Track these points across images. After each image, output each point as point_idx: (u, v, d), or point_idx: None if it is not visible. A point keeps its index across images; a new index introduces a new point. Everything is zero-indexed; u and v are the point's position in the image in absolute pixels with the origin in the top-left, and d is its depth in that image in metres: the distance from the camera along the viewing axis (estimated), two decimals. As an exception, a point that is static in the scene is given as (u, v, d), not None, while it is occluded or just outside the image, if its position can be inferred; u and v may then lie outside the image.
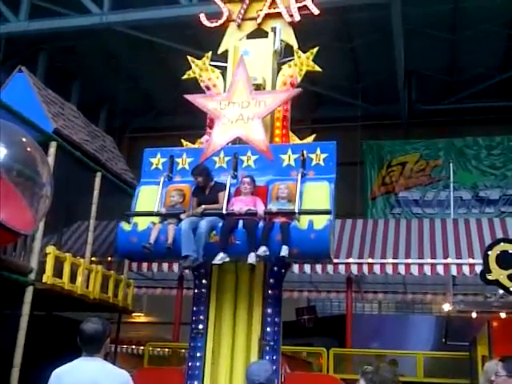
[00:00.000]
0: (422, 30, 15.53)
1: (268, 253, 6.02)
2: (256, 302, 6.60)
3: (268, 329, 6.47)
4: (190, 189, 6.85)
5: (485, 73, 17.18)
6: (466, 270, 10.57)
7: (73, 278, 8.87)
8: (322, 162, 6.66)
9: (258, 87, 7.30)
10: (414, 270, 10.76)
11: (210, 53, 7.88)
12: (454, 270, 10.67)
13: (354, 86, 18.21)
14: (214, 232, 6.29)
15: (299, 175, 6.52)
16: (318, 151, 6.70)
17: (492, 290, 8.99)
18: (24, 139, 6.93)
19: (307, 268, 11.08)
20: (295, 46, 7.74)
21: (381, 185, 18.35)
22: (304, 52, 7.54)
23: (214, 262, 6.20)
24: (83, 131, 10.24)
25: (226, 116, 6.99)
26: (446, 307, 12.02)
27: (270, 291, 6.64)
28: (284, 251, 5.96)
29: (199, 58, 7.92)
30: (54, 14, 14.89)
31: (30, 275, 8.10)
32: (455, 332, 11.44)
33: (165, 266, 11.64)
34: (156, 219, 6.56)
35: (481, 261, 8.89)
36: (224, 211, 6.38)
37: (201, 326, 6.64)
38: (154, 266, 11.72)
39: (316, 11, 7.75)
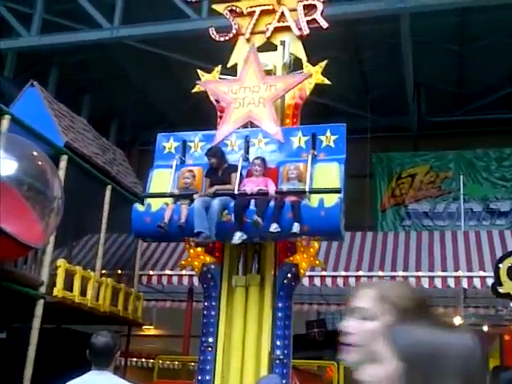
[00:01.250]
0: (430, 42, 15.56)
1: (280, 229, 6.11)
2: (266, 315, 6.59)
3: (278, 342, 6.45)
4: (202, 171, 6.99)
5: (494, 84, 17.15)
6: (477, 282, 10.50)
7: (83, 291, 8.90)
8: (332, 144, 6.77)
9: (269, 73, 7.43)
10: (425, 282, 10.69)
11: (220, 66, 7.92)
12: (464, 283, 10.60)
13: (362, 98, 18.23)
14: (226, 211, 6.42)
15: (310, 156, 6.63)
16: (329, 133, 6.81)
17: (504, 302, 8.92)
18: (35, 153, 6.99)
19: (317, 281, 11.06)
20: (304, 58, 7.77)
21: (391, 197, 18.29)
22: (313, 65, 7.57)
23: (232, 242, 6.32)
24: (93, 144, 10.31)
25: (238, 100, 7.11)
26: (457, 320, 11.93)
27: (279, 304, 6.63)
28: (295, 228, 6.06)
29: (209, 71, 7.97)
30: (65, 29, 15.04)
31: (40, 288, 8.13)
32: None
33: (174, 278, 11.64)
34: (169, 200, 6.69)
35: (492, 273, 8.85)
36: (236, 191, 6.52)
37: (210, 340, 6.63)
38: (164, 278, 11.72)
39: (325, 24, 7.78)
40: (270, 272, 6.78)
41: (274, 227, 6.10)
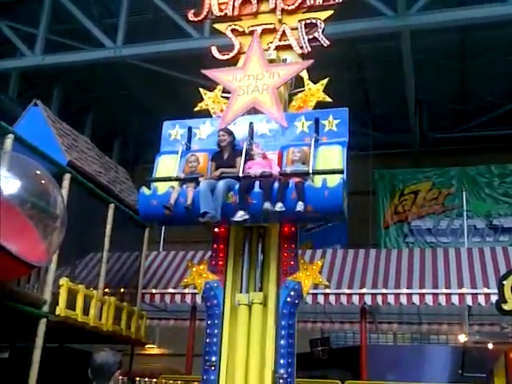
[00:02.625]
0: (431, 60, 15.66)
1: (284, 209, 6.22)
2: (269, 333, 6.55)
3: (282, 361, 6.40)
4: (207, 157, 7.12)
5: (495, 101, 17.22)
6: (481, 299, 10.43)
7: (86, 310, 8.86)
8: (334, 128, 6.91)
9: (272, 61, 7.57)
10: (429, 300, 10.63)
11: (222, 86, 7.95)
12: (469, 300, 10.53)
13: (365, 116, 18.29)
14: (232, 193, 6.53)
15: (313, 140, 6.78)
16: (331, 117, 6.96)
17: (508, 320, 8.87)
18: (38, 172, 7.01)
19: (321, 298, 11.01)
20: (306, 76, 7.79)
21: (393, 213, 18.28)
22: (314, 82, 7.60)
23: (233, 219, 6.39)
24: (96, 163, 10.34)
25: (242, 88, 7.26)
26: (462, 338, 11.87)
27: (283, 322, 6.58)
28: (299, 206, 6.17)
29: (211, 89, 8.00)
30: (68, 49, 15.16)
31: (43, 307, 8.10)
32: (472, 363, 11.26)
33: (177, 297, 11.60)
34: (175, 184, 6.82)
35: (496, 290, 8.80)
36: (241, 174, 6.66)
37: (214, 358, 6.57)
38: (167, 297, 11.69)
39: (326, 42, 7.82)
40: (273, 290, 6.75)
41: (278, 206, 6.24)
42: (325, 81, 7.57)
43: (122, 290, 10.69)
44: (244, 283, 6.83)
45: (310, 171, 6.50)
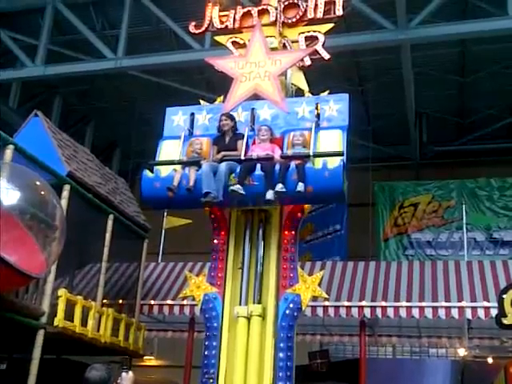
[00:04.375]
0: (431, 73, 15.70)
1: (285, 189, 6.39)
2: (268, 345, 6.53)
3: (280, 374, 6.38)
4: (209, 142, 7.28)
5: (495, 114, 17.26)
6: (481, 313, 10.38)
7: (84, 322, 8.82)
8: (335, 113, 7.15)
9: (274, 49, 7.72)
10: (428, 313, 10.59)
11: (222, 96, 7.98)
12: (468, 314, 10.48)
13: (364, 128, 18.32)
14: (233, 175, 6.68)
15: (313, 124, 6.97)
16: (332, 103, 7.21)
17: (508, 334, 8.83)
18: (38, 182, 7.01)
19: (320, 311, 10.97)
20: (306, 89, 7.85)
21: (393, 226, 18.25)
22: (315, 95, 7.63)
23: (231, 188, 6.52)
24: (96, 174, 10.34)
25: (244, 75, 7.35)
26: (462, 352, 11.81)
27: (281, 334, 6.57)
28: (300, 187, 6.34)
29: (212, 101, 8.03)
30: (69, 59, 15.20)
31: (41, 319, 8.06)
32: (472, 377, 11.21)
33: (176, 308, 11.56)
34: (178, 167, 6.94)
35: (496, 304, 8.76)
36: (242, 157, 6.83)
37: (212, 371, 6.56)
38: (165, 308, 11.64)
39: (326, 55, 7.87)
40: (272, 302, 6.74)
41: (279, 187, 6.38)
42: (325, 93, 7.60)
43: (121, 301, 10.66)
44: (243, 295, 6.83)
45: (311, 154, 6.66)
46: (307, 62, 7.87)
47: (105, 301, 9.76)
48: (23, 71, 15.14)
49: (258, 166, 6.68)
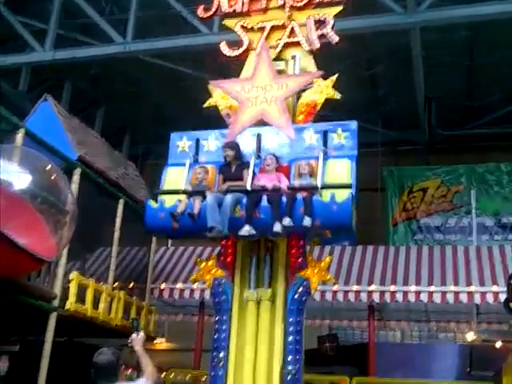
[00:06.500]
0: (441, 56, 15.58)
1: (292, 223, 6.16)
2: (277, 329, 6.57)
3: (289, 357, 6.43)
4: (215, 169, 7.08)
5: (505, 98, 17.11)
6: (489, 298, 10.41)
7: (95, 305, 8.92)
8: (343, 141, 6.89)
9: (281, 72, 7.53)
10: (437, 297, 10.62)
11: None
12: (477, 298, 10.51)
13: (373, 112, 18.24)
14: (239, 206, 6.47)
15: (321, 153, 6.73)
16: (340, 131, 6.94)
17: (517, 318, 8.84)
18: (48, 167, 7.07)
19: (329, 295, 11.02)
20: (315, 73, 7.79)
21: (402, 211, 18.22)
22: (323, 79, 7.60)
23: (240, 234, 6.36)
24: (106, 158, 10.39)
25: (250, 99, 7.19)
26: (470, 336, 11.84)
27: (291, 319, 6.61)
28: (307, 221, 6.12)
29: (220, 85, 8.00)
30: (78, 44, 15.21)
31: (53, 302, 8.16)
32: (480, 361, 11.24)
33: (186, 292, 11.65)
34: (182, 197, 6.76)
35: (505, 288, 8.78)
36: (248, 188, 6.61)
37: (222, 354, 6.61)
38: (176, 292, 11.73)
39: (335, 39, 7.81)
40: (282, 287, 6.78)
41: (286, 221, 6.17)
42: (334, 77, 7.56)
43: (132, 284, 10.76)
44: (252, 279, 6.86)
45: (319, 185, 6.41)
46: (316, 45, 7.83)
47: (116, 284, 9.85)
48: (33, 56, 15.17)
49: (265, 197, 6.45)
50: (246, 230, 6.30)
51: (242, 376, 6.48)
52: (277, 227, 6.19)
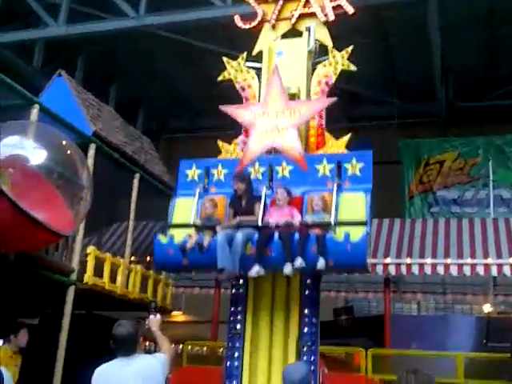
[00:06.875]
0: (458, 26, 15.31)
1: (304, 265, 5.96)
2: (293, 302, 6.60)
3: (305, 329, 6.45)
4: (225, 200, 6.81)
5: (525, 68, 16.83)
6: (506, 270, 10.36)
7: (113, 278, 9.02)
8: (357, 172, 6.56)
9: (293, 96, 7.19)
10: (454, 270, 10.59)
11: (245, 54, 7.89)
12: (494, 271, 10.47)
13: (390, 84, 18.04)
14: (250, 244, 6.24)
15: (335, 185, 6.45)
16: (354, 161, 6.60)
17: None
18: (64, 142, 7.09)
19: (344, 268, 11.04)
20: (330, 45, 7.68)
21: (418, 183, 18.12)
22: (339, 50, 7.49)
23: (249, 275, 6.18)
24: (121, 133, 10.41)
25: (261, 126, 6.88)
26: (487, 308, 11.83)
27: (307, 292, 6.62)
28: (320, 264, 5.89)
29: (234, 58, 7.95)
30: (91, 18, 15.15)
31: (71, 275, 8.27)
32: (496, 333, 11.23)
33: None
34: (192, 231, 6.52)
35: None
36: (259, 223, 6.35)
37: (238, 327, 6.66)
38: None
39: (351, 10, 7.69)
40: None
41: (298, 262, 5.93)
42: (349, 48, 7.45)
43: (148, 258, 10.85)
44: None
45: (332, 222, 6.14)
46: (331, 17, 7.72)
47: (133, 258, 9.94)
48: (46, 31, 15.16)
49: (276, 234, 6.19)
50: (256, 270, 6.08)
51: (258, 348, 6.54)
52: (287, 270, 5.98)
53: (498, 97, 17.92)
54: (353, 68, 7.40)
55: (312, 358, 6.33)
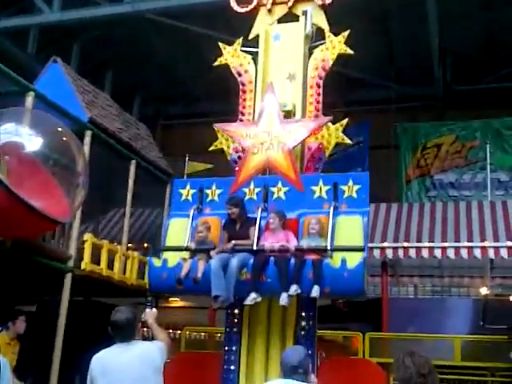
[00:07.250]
0: (456, 8, 15.21)
1: (300, 291, 5.89)
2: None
3: (303, 313, 6.48)
4: (219, 221, 6.73)
5: (522, 51, 16.76)
6: (503, 252, 10.40)
7: (110, 265, 9.03)
8: (354, 194, 6.45)
9: (288, 113, 7.11)
10: (451, 253, 10.63)
11: (241, 39, 7.84)
12: (491, 253, 10.50)
13: (387, 68, 17.96)
14: (245, 269, 6.16)
15: (331, 208, 6.34)
16: (351, 182, 6.49)
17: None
18: (60, 129, 7.06)
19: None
20: (327, 28, 7.62)
21: (416, 167, 18.10)
22: (336, 34, 7.45)
23: (245, 303, 6.11)
24: (117, 120, 10.36)
25: (256, 145, 6.77)
26: (484, 291, 11.87)
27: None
28: (315, 292, 5.80)
29: (231, 43, 7.89)
30: (86, 4, 15.03)
31: (68, 262, 8.27)
32: (493, 315, 11.28)
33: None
34: (186, 255, 6.47)
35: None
36: (254, 247, 6.28)
37: (236, 311, 6.68)
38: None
39: (347, -7, 7.64)
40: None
41: (293, 289, 5.83)
42: (346, 33, 7.40)
43: (146, 244, 10.86)
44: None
45: (329, 247, 6.04)
46: (328, 0, 7.65)
47: (130, 245, 9.94)
48: (40, 17, 15.06)
49: (272, 259, 6.07)
50: (252, 298, 5.99)
51: (256, 332, 6.55)
52: (283, 300, 5.87)
53: (495, 80, 17.85)
54: (350, 52, 7.37)
55: (310, 341, 6.34)
